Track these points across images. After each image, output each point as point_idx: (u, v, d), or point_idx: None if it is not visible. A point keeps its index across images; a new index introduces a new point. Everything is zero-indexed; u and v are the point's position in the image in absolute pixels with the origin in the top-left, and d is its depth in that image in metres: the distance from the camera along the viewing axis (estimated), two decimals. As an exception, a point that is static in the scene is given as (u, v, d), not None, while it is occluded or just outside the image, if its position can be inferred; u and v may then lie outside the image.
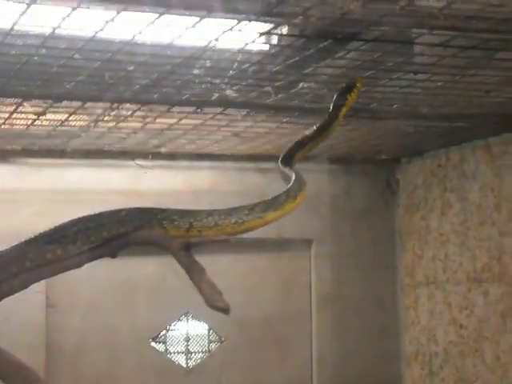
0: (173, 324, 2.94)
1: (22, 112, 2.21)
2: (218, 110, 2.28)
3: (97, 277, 2.79)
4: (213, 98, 2.16)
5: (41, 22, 1.66)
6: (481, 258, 2.80)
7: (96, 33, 1.67)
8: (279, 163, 1.99)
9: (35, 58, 1.80)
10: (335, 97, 1.91)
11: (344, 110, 1.90)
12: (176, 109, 2.26)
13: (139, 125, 2.41)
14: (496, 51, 1.87)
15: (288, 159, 2.01)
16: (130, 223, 2.01)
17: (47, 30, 1.66)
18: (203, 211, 2.02)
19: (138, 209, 2.07)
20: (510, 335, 2.68)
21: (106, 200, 2.31)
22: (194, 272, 1.76)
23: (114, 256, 2.03)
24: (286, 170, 2.01)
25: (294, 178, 1.99)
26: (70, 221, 2.11)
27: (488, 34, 1.74)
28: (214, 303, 1.72)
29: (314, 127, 1.94)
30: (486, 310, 2.78)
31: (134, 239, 1.99)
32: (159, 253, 2.06)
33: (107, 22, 1.61)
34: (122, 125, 2.41)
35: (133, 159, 2.81)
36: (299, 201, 2.00)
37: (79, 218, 2.12)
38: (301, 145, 1.98)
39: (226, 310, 1.72)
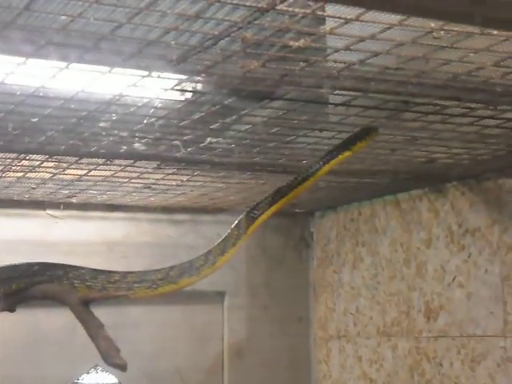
0: (81, 378, 2.90)
1: None
2: (128, 162, 2.29)
3: (1, 326, 2.75)
4: (121, 150, 2.16)
5: None
6: (390, 313, 2.83)
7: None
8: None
9: None
10: (345, 139, 1.91)
11: (346, 154, 1.90)
12: (85, 160, 2.25)
13: (48, 175, 2.40)
14: (397, 112, 1.91)
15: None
16: (32, 277, 1.99)
17: None
18: (116, 273, 2.00)
19: (41, 263, 2.05)
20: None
21: (14, 251, 2.25)
22: (92, 327, 1.76)
23: (12, 310, 2.01)
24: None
25: (223, 237, 1.98)
26: None
27: (388, 95, 1.77)
28: (111, 360, 1.71)
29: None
30: (395, 364, 2.80)
31: (33, 293, 1.97)
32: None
33: (8, 74, 1.61)
34: (31, 175, 2.39)
35: (44, 209, 2.80)
36: (219, 265, 1.98)
37: None
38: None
39: (122, 367, 1.71)
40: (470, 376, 2.51)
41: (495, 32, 1.45)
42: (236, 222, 2.02)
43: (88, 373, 2.89)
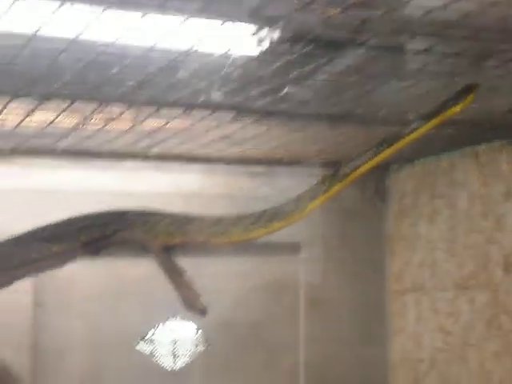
0: (161, 325, 2.94)
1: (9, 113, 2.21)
2: (206, 112, 2.28)
3: (86, 277, 2.80)
4: (199, 100, 2.16)
5: (27, 21, 1.67)
6: (467, 265, 2.82)
7: (79, 34, 1.67)
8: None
9: (21, 57, 1.82)
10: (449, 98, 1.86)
11: (436, 120, 1.89)
12: (163, 111, 2.26)
13: (127, 126, 2.41)
14: (480, 59, 1.88)
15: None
16: (115, 225, 2.03)
17: (31, 30, 1.67)
18: (208, 218, 2.03)
19: (123, 211, 2.09)
20: (494, 343, 2.69)
21: (94, 201, 2.29)
22: (173, 273, 1.78)
23: (97, 254, 2.05)
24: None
25: (313, 185, 1.97)
26: (57, 221, 2.13)
27: (469, 42, 1.75)
28: (192, 305, 1.73)
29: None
30: (472, 317, 2.79)
31: (117, 239, 2.00)
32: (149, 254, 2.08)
33: (90, 23, 1.62)
34: (110, 127, 2.40)
35: (123, 160, 2.82)
36: (308, 212, 1.98)
37: (66, 219, 2.14)
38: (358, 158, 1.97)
39: (203, 312, 1.73)
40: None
41: None
42: (332, 171, 2.03)
43: (168, 321, 2.94)
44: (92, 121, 2.33)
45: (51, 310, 2.80)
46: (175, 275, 1.77)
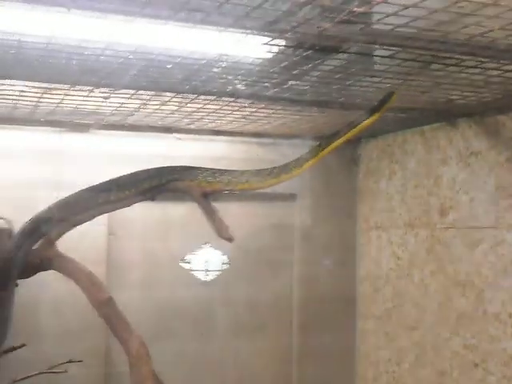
0: (196, 250, 2.96)
1: (93, 96, 2.21)
2: (231, 99, 2.29)
3: (145, 214, 2.82)
4: (227, 89, 2.16)
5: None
6: (414, 211, 2.83)
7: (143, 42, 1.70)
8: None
9: (101, 57, 1.82)
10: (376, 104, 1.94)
11: (376, 116, 1.95)
12: (201, 97, 2.26)
13: (175, 108, 2.41)
14: (427, 63, 1.88)
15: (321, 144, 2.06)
16: (166, 176, 2.04)
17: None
18: (234, 171, 2.05)
19: (173, 167, 2.09)
20: (431, 264, 2.71)
21: (151, 161, 2.29)
22: (209, 212, 1.79)
23: (153, 199, 2.06)
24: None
25: (308, 151, 2.01)
26: (125, 174, 2.14)
27: (422, 51, 1.75)
28: (223, 234, 1.75)
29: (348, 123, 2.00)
30: (416, 247, 2.81)
31: (169, 187, 2.01)
32: (189, 200, 2.09)
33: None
34: (163, 108, 2.41)
35: (171, 133, 2.82)
36: (304, 168, 2.04)
37: (131, 173, 2.14)
38: (334, 135, 2.03)
39: (230, 239, 1.75)
40: (469, 255, 2.50)
41: (503, 3, 1.43)
42: (318, 143, 2.08)
43: (201, 247, 2.96)
44: (149, 103, 2.34)
45: (120, 238, 2.83)
46: (210, 213, 1.79)
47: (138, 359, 1.56)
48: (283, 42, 1.78)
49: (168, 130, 2.78)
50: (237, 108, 2.41)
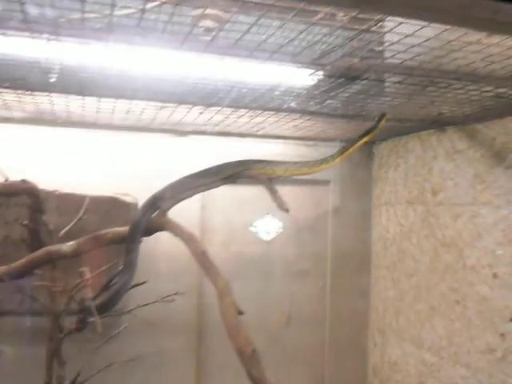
0: (261, 219, 2.95)
1: (192, 111, 2.22)
2: (286, 113, 2.28)
3: (227, 193, 2.83)
4: (284, 107, 2.16)
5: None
6: (413, 192, 2.78)
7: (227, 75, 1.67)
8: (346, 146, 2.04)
9: (199, 85, 1.83)
10: (374, 123, 1.97)
11: (375, 131, 1.98)
12: (265, 112, 2.25)
13: (248, 119, 2.40)
14: (425, 86, 1.84)
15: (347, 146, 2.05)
16: (243, 167, 2.04)
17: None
18: (292, 162, 2.04)
19: (247, 160, 2.08)
20: (425, 230, 2.67)
21: (230, 157, 2.26)
22: (272, 191, 1.79)
23: (233, 182, 2.07)
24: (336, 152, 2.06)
25: (338, 150, 2.04)
26: (213, 166, 2.13)
27: (422, 77, 1.71)
28: (282, 206, 1.74)
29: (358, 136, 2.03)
30: (415, 218, 2.76)
31: (244, 175, 2.01)
32: (257, 183, 2.08)
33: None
34: (239, 120, 2.40)
35: (244, 137, 2.82)
36: (337, 161, 2.05)
37: (216, 165, 2.14)
38: (355, 140, 2.05)
39: (287, 211, 1.74)
40: (453, 224, 2.44)
41: (485, 41, 1.39)
42: (344, 145, 2.08)
43: (264, 217, 2.97)
44: (231, 116, 2.34)
45: (209, 210, 2.85)
46: (273, 192, 1.78)
47: (224, 293, 1.57)
48: (322, 73, 1.77)
49: (242, 135, 2.79)
50: (290, 120, 2.41)
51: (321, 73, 1.73)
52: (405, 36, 1.33)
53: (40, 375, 2.08)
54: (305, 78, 1.80)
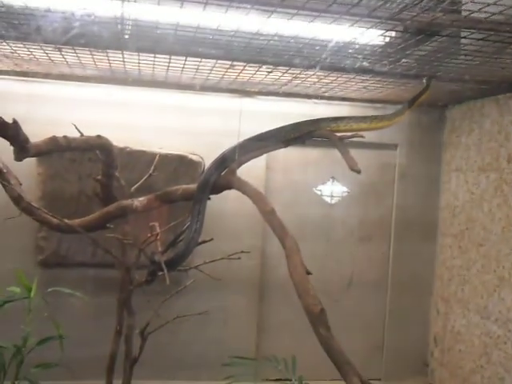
0: (325, 182, 2.93)
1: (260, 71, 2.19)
2: (354, 74, 2.21)
3: (292, 155, 2.81)
4: (356, 66, 2.08)
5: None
6: (486, 159, 2.65)
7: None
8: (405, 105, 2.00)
9: (271, 41, 1.79)
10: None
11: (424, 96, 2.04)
12: (335, 73, 2.20)
13: (316, 80, 2.34)
14: (509, 44, 1.72)
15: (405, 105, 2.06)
16: (313, 125, 1.99)
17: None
18: (355, 117, 2.00)
19: (318, 119, 2.02)
20: (498, 199, 2.55)
21: (297, 119, 2.22)
22: (344, 151, 1.74)
23: (303, 143, 2.04)
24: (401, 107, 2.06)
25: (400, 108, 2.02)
26: (279, 127, 2.09)
27: (510, 34, 1.60)
28: (353, 167, 1.70)
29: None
30: (487, 185, 2.64)
31: (315, 134, 1.97)
32: (323, 145, 2.02)
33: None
34: (308, 79, 2.35)
35: (311, 98, 2.77)
36: (400, 119, 2.03)
37: (283, 125, 2.08)
38: (410, 102, 2.06)
39: (359, 171, 1.69)
40: None
41: None
42: (405, 103, 2.06)
43: (329, 180, 2.94)
44: (299, 79, 2.29)
45: (274, 170, 2.85)
46: (345, 152, 1.73)
47: (292, 251, 1.56)
48: (400, 29, 1.69)
49: (309, 96, 2.73)
50: (360, 80, 2.33)
51: (398, 29, 1.65)
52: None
53: (111, 323, 2.18)
54: (380, 35, 1.72)
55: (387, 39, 1.80)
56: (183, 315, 2.22)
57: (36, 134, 1.86)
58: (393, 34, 1.75)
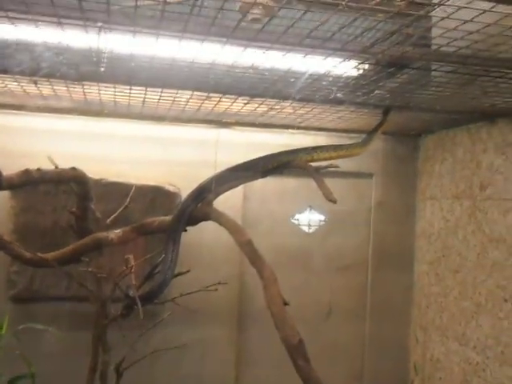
0: (302, 211, 2.94)
1: (237, 102, 2.21)
2: (329, 105, 2.24)
3: (269, 185, 2.82)
4: (330, 97, 2.11)
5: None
6: (460, 187, 2.70)
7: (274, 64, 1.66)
8: (367, 136, 2.04)
9: (246, 74, 1.81)
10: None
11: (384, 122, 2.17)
12: (310, 104, 2.23)
13: (291, 111, 2.38)
14: (478, 76, 1.77)
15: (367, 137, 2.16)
16: (287, 156, 2.01)
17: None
18: (328, 146, 2.03)
19: (291, 150, 2.06)
20: (472, 226, 2.60)
21: (274, 149, 2.24)
22: (320, 182, 1.76)
23: (281, 173, 2.04)
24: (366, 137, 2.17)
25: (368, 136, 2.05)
26: (256, 158, 2.11)
27: (477, 67, 1.65)
28: (329, 197, 1.71)
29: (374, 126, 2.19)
30: (461, 213, 2.69)
31: (292, 165, 1.99)
32: (301, 175, 2.02)
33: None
34: (282, 112, 2.39)
35: (287, 129, 2.80)
36: (367, 148, 2.07)
37: (257, 157, 2.11)
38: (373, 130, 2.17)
39: (334, 201, 1.71)
40: (502, 219, 2.37)
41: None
42: (370, 131, 2.17)
43: (305, 210, 2.95)
44: (275, 110, 2.32)
45: (251, 200, 2.85)
46: (320, 182, 1.75)
47: (270, 282, 1.56)
48: (372, 62, 1.73)
49: (285, 126, 2.76)
50: (335, 111, 2.36)
51: (371, 62, 1.69)
52: (463, 22, 1.28)
53: (85, 360, 2.12)
54: (351, 68, 1.76)
55: (360, 71, 1.84)
56: (160, 349, 2.18)
57: (10, 167, 1.83)
58: (365, 66, 1.78)
